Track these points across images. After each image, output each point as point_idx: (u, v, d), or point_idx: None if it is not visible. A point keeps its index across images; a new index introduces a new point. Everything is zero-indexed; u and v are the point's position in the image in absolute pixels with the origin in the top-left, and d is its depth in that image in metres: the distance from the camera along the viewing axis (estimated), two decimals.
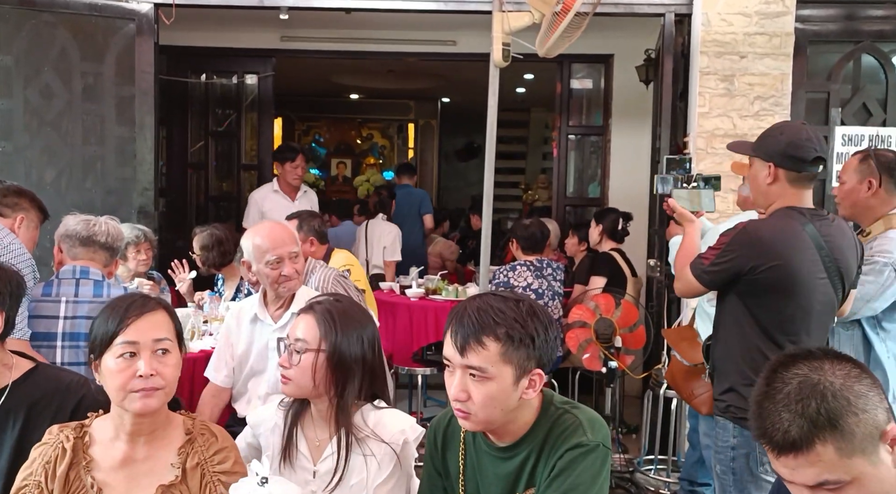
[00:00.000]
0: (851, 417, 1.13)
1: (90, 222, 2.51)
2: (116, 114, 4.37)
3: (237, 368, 2.72)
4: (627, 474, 4.14)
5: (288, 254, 2.60)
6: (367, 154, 11.61)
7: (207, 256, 3.76)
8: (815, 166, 2.33)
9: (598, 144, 6.37)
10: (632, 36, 5.46)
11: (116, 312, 1.55)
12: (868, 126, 4.27)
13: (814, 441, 1.13)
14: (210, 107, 6.29)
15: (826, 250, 2.29)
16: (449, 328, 1.52)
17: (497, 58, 3.46)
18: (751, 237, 2.30)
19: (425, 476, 1.75)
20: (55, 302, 2.25)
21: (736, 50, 4.17)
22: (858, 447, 1.13)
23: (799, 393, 1.15)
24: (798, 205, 2.34)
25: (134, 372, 1.51)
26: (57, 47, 4.27)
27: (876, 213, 2.69)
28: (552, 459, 1.54)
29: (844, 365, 1.19)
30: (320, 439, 1.79)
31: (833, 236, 2.32)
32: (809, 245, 2.28)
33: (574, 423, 1.56)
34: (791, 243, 2.27)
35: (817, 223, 2.31)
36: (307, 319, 1.79)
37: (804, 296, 2.27)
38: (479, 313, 1.49)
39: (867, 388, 1.16)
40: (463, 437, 1.67)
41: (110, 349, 1.53)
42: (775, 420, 1.15)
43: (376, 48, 6.34)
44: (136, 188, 4.40)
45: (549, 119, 10.44)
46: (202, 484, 1.58)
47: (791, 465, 1.16)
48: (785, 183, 2.33)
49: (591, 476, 1.51)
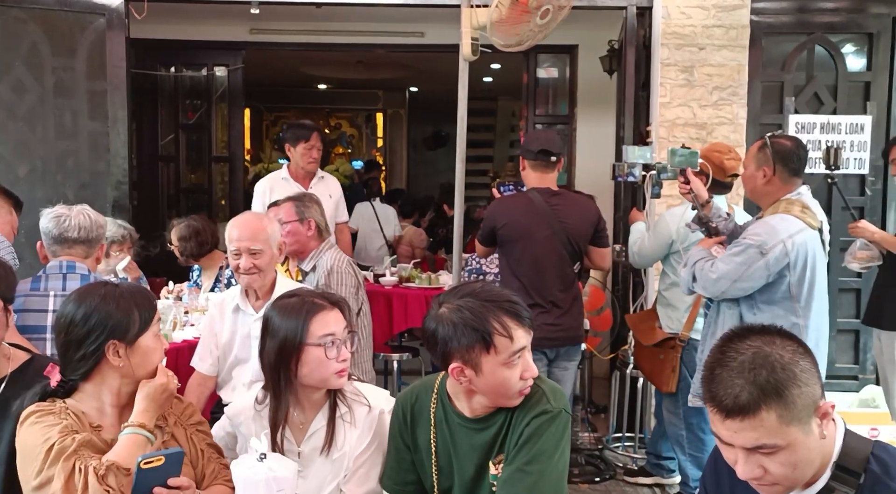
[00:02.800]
0: (795, 388, 1.24)
1: (60, 218, 2.50)
2: (89, 109, 4.40)
3: (221, 357, 2.79)
4: (597, 451, 4.31)
5: (247, 249, 2.65)
6: (336, 143, 11.64)
7: (185, 246, 3.81)
8: (541, 156, 3.35)
9: (564, 133, 6.50)
10: (596, 27, 5.59)
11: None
12: (820, 114, 4.46)
13: (760, 407, 1.23)
14: (180, 99, 6.31)
15: (553, 215, 3.29)
16: None
17: (466, 52, 3.57)
18: (493, 206, 3.51)
19: (392, 449, 1.86)
20: (44, 296, 2.31)
21: (695, 42, 4.34)
22: (797, 416, 1.24)
23: (752, 363, 1.25)
24: (538, 186, 3.37)
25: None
26: (28, 42, 4.28)
27: (772, 198, 2.85)
28: (520, 426, 1.68)
29: (792, 342, 1.30)
30: (303, 421, 1.89)
31: (560, 206, 3.33)
32: (537, 210, 3.29)
33: (538, 393, 1.71)
34: (521, 209, 3.34)
35: (546, 196, 3.33)
36: (335, 312, 1.89)
37: (530, 245, 3.29)
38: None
39: (809, 365, 1.29)
40: (433, 413, 1.80)
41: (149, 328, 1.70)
42: (728, 386, 1.25)
43: (345, 40, 6.40)
44: (109, 182, 4.44)
45: (516, 107, 10.55)
46: (187, 436, 1.79)
47: (735, 428, 1.25)
48: (529, 170, 3.42)
49: (556, 440, 1.67)
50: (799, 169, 2.82)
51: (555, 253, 3.32)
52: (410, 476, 1.84)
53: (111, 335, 1.64)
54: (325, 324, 1.83)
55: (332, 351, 1.82)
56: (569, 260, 3.36)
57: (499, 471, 1.70)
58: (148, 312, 1.70)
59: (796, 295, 2.76)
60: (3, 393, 1.83)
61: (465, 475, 1.75)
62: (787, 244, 2.70)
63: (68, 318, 1.66)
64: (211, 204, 6.22)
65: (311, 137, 4.49)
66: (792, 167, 2.80)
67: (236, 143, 6.37)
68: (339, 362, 1.83)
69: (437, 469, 1.79)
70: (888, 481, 1.26)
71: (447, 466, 1.78)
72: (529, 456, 1.65)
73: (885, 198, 4.57)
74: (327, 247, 3.23)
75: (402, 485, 1.84)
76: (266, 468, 1.50)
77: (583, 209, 3.41)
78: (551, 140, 3.45)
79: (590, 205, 3.49)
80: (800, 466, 1.27)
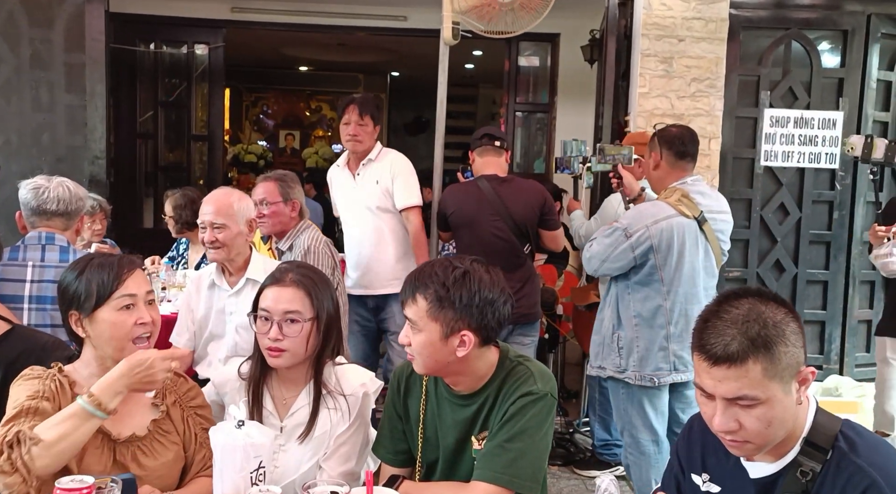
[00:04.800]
0: (782, 346, 1.31)
1: (39, 190, 2.49)
2: (66, 82, 4.36)
3: (197, 332, 2.81)
4: (567, 435, 4.38)
5: (210, 223, 2.69)
6: (316, 126, 11.60)
7: (181, 214, 3.79)
8: (486, 140, 3.52)
9: (543, 121, 6.56)
10: (578, 17, 5.63)
11: None
12: (794, 109, 4.55)
13: (748, 357, 1.28)
14: (160, 76, 6.25)
15: (499, 201, 3.41)
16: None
17: (447, 36, 3.59)
18: (444, 194, 3.61)
19: (386, 418, 1.90)
20: (21, 266, 2.30)
21: (675, 33, 4.39)
22: (779, 373, 1.31)
23: (746, 317, 1.32)
24: (486, 173, 3.51)
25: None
26: (4, 13, 4.23)
27: (663, 185, 3.03)
28: (505, 404, 1.72)
29: (785, 307, 1.36)
30: (287, 397, 1.90)
31: (507, 192, 3.44)
32: (484, 197, 3.43)
33: (526, 373, 1.74)
34: (469, 197, 3.48)
35: (493, 183, 3.46)
36: (292, 291, 1.83)
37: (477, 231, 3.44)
38: (418, 273, 1.72)
39: (797, 329, 1.34)
40: (425, 385, 1.83)
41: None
42: (720, 334, 1.31)
43: (327, 21, 6.38)
44: (86, 156, 4.41)
45: (496, 95, 10.58)
46: (183, 418, 1.77)
47: (719, 377, 1.31)
48: (477, 159, 3.57)
49: (539, 421, 1.70)
50: (684, 153, 2.99)
51: (502, 237, 3.44)
52: (402, 445, 1.87)
53: (70, 305, 1.67)
54: (266, 298, 1.84)
55: (266, 326, 1.82)
56: (517, 243, 3.47)
57: (481, 446, 1.74)
58: (108, 284, 1.65)
59: (664, 278, 2.93)
60: None
61: (448, 447, 1.79)
62: (650, 229, 2.89)
63: (59, 282, 1.71)
64: (189, 182, 6.16)
65: (346, 111, 3.58)
66: (676, 150, 2.97)
67: (216, 123, 6.34)
68: (271, 340, 1.80)
69: (422, 439, 1.82)
70: (854, 457, 1.31)
71: (433, 437, 1.82)
72: (511, 434, 1.68)
73: (854, 193, 4.68)
74: (304, 226, 3.25)
75: (394, 454, 1.88)
76: (244, 434, 1.53)
77: (529, 194, 3.51)
78: (495, 128, 3.61)
79: (536, 189, 3.57)
80: (773, 425, 1.32)
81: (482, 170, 3.55)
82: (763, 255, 4.66)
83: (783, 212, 4.66)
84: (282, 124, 11.50)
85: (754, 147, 4.58)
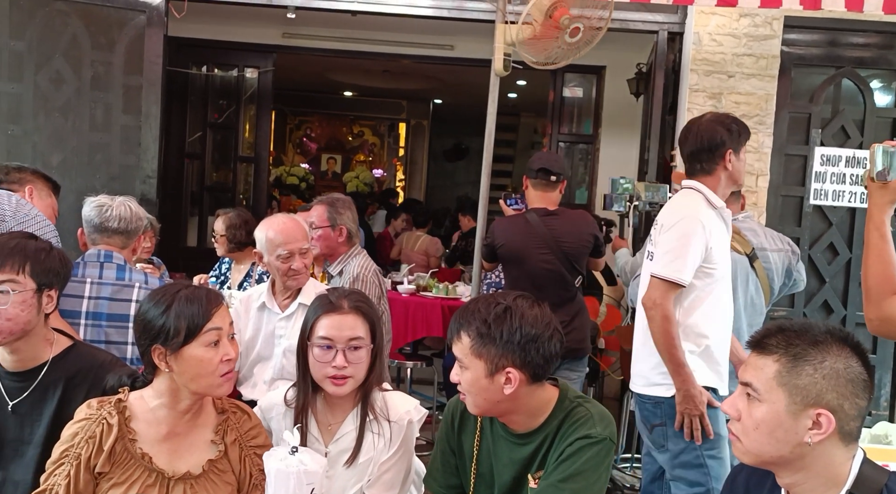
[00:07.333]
0: (810, 369, 1.29)
1: (102, 208, 2.54)
2: (123, 103, 4.47)
3: (244, 353, 2.82)
4: None
5: (298, 250, 2.73)
6: (358, 151, 11.73)
7: (235, 234, 3.83)
8: (541, 174, 3.46)
9: (586, 152, 6.55)
10: (624, 50, 5.64)
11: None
12: (846, 147, 4.48)
13: (773, 352, 1.32)
14: (210, 98, 6.39)
15: (549, 235, 3.39)
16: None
17: (498, 67, 3.63)
18: (493, 226, 3.59)
19: (438, 453, 1.89)
20: (81, 282, 2.35)
21: (724, 69, 4.37)
22: (791, 388, 1.29)
23: (801, 327, 1.34)
24: (537, 206, 3.48)
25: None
26: (68, 35, 4.37)
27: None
28: (562, 445, 1.70)
29: (854, 353, 1.30)
30: (332, 422, 1.91)
31: (557, 226, 3.43)
32: (534, 232, 3.40)
33: (586, 415, 1.71)
34: (518, 231, 3.46)
35: (543, 216, 3.43)
36: (353, 318, 1.85)
37: (527, 266, 3.41)
38: (463, 311, 1.73)
39: (844, 374, 1.28)
40: (479, 421, 1.82)
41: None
42: (769, 327, 1.37)
43: (375, 49, 6.48)
44: (139, 175, 4.51)
45: (538, 124, 10.61)
46: (241, 458, 1.74)
47: (749, 360, 1.37)
48: (531, 189, 3.53)
49: (595, 464, 1.67)
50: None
51: (553, 272, 3.43)
52: (454, 480, 1.87)
53: (154, 340, 1.64)
54: (326, 326, 1.83)
55: (328, 355, 1.82)
56: (568, 276, 3.46)
57: (537, 485, 1.72)
58: (197, 321, 1.63)
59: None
60: (44, 377, 1.85)
61: (505, 485, 1.78)
62: None
63: (138, 313, 1.70)
64: (233, 203, 6.27)
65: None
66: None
67: (262, 145, 6.44)
68: (336, 368, 1.81)
69: (475, 475, 1.81)
70: None
71: (488, 474, 1.81)
72: (566, 474, 1.66)
73: None
74: (356, 252, 3.27)
75: (446, 488, 1.87)
76: (297, 461, 1.53)
77: (580, 227, 3.53)
78: (553, 160, 3.58)
79: (586, 221, 3.60)
80: (761, 432, 1.31)
81: (533, 202, 3.56)
82: (811, 296, 4.57)
83: (832, 252, 4.57)
84: (324, 148, 11.66)
85: (803, 185, 4.51)
